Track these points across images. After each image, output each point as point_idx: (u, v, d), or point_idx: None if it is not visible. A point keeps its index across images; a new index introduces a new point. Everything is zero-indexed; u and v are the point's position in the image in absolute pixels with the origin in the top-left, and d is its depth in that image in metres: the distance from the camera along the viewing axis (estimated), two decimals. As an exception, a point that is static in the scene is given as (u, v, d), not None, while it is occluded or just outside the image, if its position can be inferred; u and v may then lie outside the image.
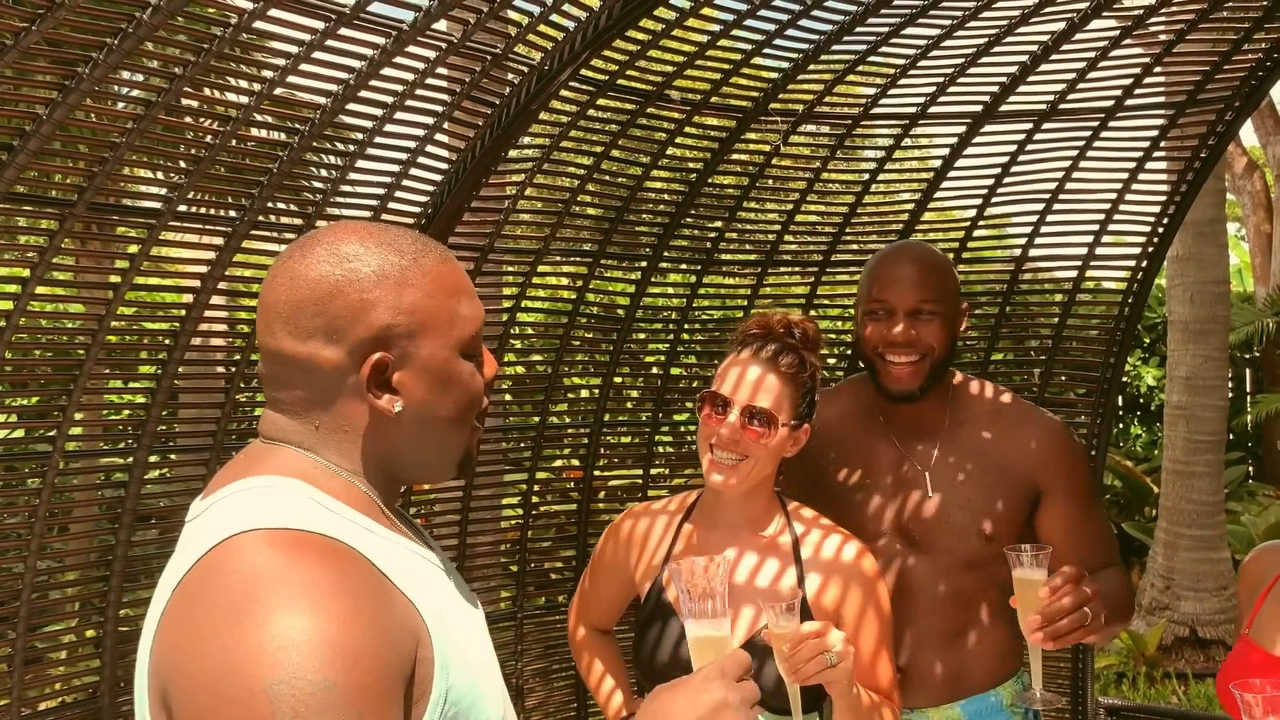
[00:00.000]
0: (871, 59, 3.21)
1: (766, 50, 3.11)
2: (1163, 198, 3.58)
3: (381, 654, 1.01)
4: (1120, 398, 10.33)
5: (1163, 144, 3.50)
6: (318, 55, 2.39)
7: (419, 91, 2.67)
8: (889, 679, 1.92)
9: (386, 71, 2.55)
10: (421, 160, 2.86)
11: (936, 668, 2.19)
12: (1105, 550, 2.21)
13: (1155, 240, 3.63)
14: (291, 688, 0.92)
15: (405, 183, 2.88)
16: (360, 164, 2.78)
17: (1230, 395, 8.55)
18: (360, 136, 2.72)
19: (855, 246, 3.79)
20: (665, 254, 3.56)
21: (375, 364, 1.15)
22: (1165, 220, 3.59)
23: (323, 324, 1.14)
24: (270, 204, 2.68)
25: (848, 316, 4.08)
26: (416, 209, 2.97)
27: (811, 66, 3.18)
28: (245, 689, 0.92)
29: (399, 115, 2.70)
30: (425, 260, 1.20)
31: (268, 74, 2.42)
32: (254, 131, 2.69)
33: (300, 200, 2.94)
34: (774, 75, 3.21)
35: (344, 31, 2.36)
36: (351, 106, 2.59)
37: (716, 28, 3.00)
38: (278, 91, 2.48)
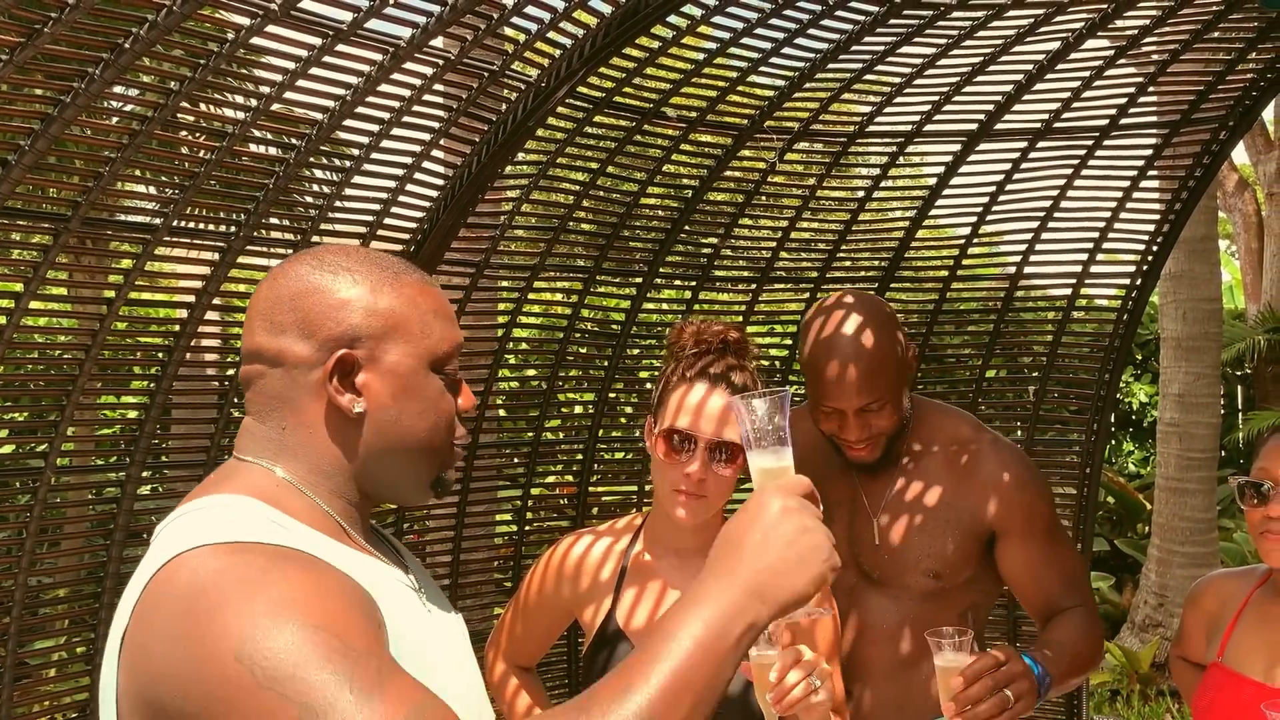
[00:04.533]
0: (866, 78, 3.22)
1: (762, 68, 3.12)
2: (1156, 216, 3.60)
3: (346, 598, 1.04)
4: (1113, 414, 10.34)
5: (1157, 163, 3.51)
6: (314, 71, 2.39)
7: (415, 108, 2.67)
8: (841, 690, 1.91)
9: (383, 88, 2.55)
10: (418, 176, 2.86)
11: (888, 697, 2.17)
12: (1072, 588, 2.14)
13: (1149, 259, 3.65)
14: (254, 645, 0.95)
15: (401, 198, 2.88)
16: (356, 180, 2.78)
17: (1222, 412, 8.57)
18: (356, 152, 2.72)
19: (849, 263, 3.80)
20: (660, 270, 3.56)
21: (340, 359, 1.16)
22: (1159, 239, 3.61)
23: (297, 319, 1.17)
24: (265, 219, 2.67)
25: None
26: (412, 224, 2.97)
27: (807, 85, 3.19)
28: (220, 669, 0.95)
29: (395, 131, 2.70)
30: (406, 276, 1.23)
31: (264, 90, 2.42)
32: (250, 147, 2.69)
33: (295, 216, 2.94)
34: (769, 93, 3.22)
35: (341, 48, 2.36)
36: (348, 122, 2.59)
37: (712, 46, 3.01)
38: (274, 107, 2.48)
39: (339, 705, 0.93)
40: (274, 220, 2.93)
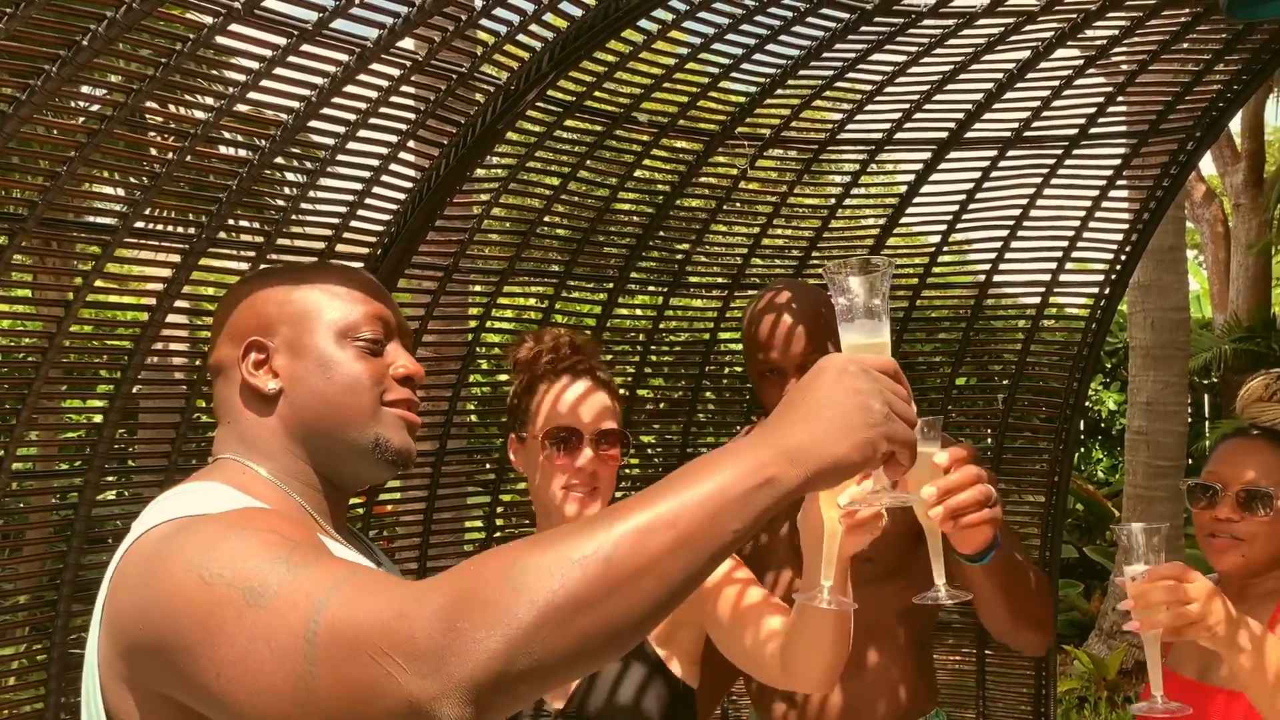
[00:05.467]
0: (838, 84, 3.22)
1: (734, 74, 3.11)
2: (1125, 226, 3.62)
3: (298, 521, 1.17)
4: (1082, 422, 10.43)
5: (1125, 173, 3.53)
6: (279, 72, 2.36)
7: (383, 109, 2.64)
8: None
9: (350, 89, 2.52)
10: (385, 179, 2.84)
11: (834, 699, 2.13)
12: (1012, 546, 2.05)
13: (1118, 268, 3.67)
14: (203, 555, 1.02)
15: (368, 201, 2.85)
16: (323, 181, 2.75)
17: (1190, 421, 8.65)
18: (323, 154, 2.68)
19: (821, 270, 3.79)
20: (632, 275, 3.55)
21: (249, 344, 1.30)
22: (1128, 249, 3.63)
23: (224, 326, 1.34)
24: (229, 221, 2.63)
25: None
26: (379, 227, 2.94)
27: (779, 91, 3.18)
28: (173, 582, 1.02)
29: (362, 133, 2.67)
30: (316, 268, 1.39)
31: (229, 90, 2.39)
32: (216, 148, 2.65)
33: (262, 218, 2.90)
34: (741, 99, 3.21)
35: (306, 48, 2.33)
36: (314, 124, 2.56)
37: (684, 51, 3.00)
38: (239, 107, 2.44)
39: (274, 578, 0.98)
40: (242, 223, 2.90)
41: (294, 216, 2.77)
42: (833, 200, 3.66)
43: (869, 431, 1.01)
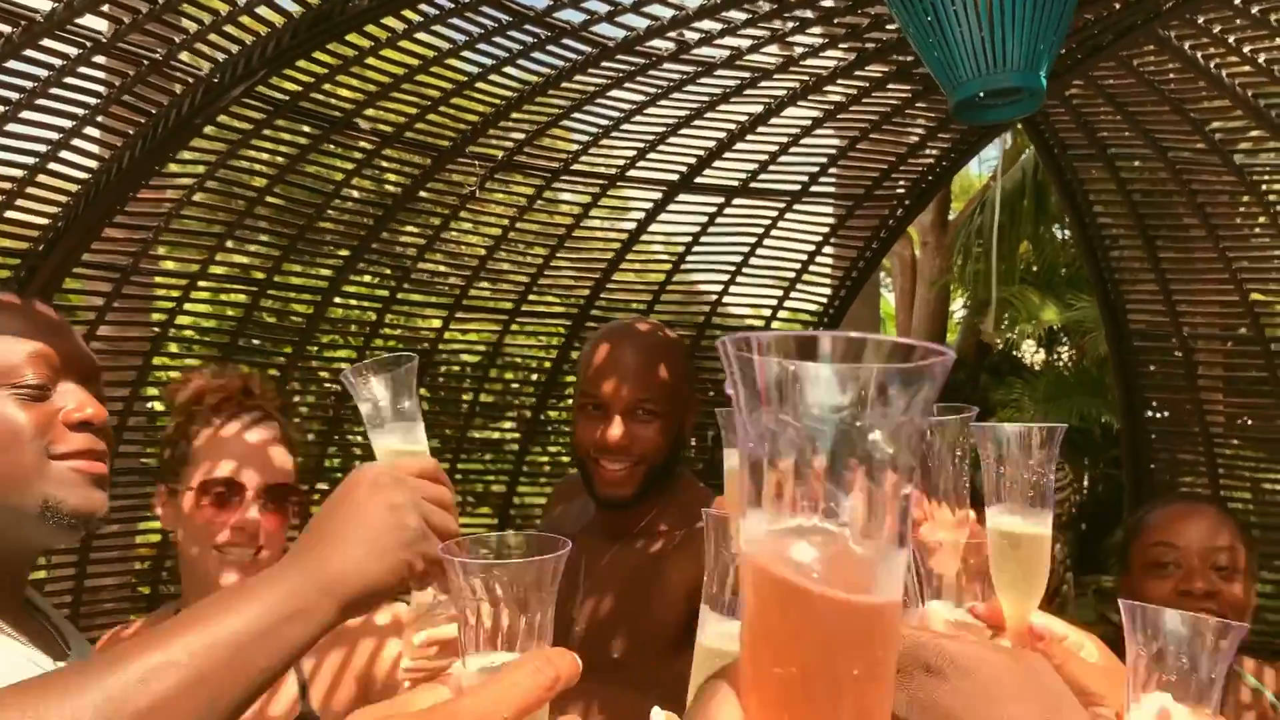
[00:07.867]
0: (576, 116, 3.12)
1: (467, 93, 2.93)
2: (836, 282, 3.77)
3: None
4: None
5: (839, 232, 3.67)
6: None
7: (57, 90, 2.28)
8: None
9: (19, 65, 2.15)
10: (55, 166, 2.46)
11: None
12: None
13: (826, 320, 3.81)
14: None
15: (31, 190, 2.46)
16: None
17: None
18: (-27, 134, 2.28)
19: (540, 298, 3.69)
20: (341, 290, 3.30)
21: None
22: (837, 302, 3.77)
23: None
24: None
25: (531, 367, 3.98)
26: (44, 220, 2.54)
27: (515, 115, 3.04)
28: None
29: (30, 114, 2.29)
30: None
31: None
32: None
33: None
34: (475, 118, 3.04)
35: (-45, 13, 1.95)
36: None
37: (417, 62, 2.79)
38: None
39: None
40: None
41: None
42: (563, 230, 3.55)
43: (404, 552, 0.97)
